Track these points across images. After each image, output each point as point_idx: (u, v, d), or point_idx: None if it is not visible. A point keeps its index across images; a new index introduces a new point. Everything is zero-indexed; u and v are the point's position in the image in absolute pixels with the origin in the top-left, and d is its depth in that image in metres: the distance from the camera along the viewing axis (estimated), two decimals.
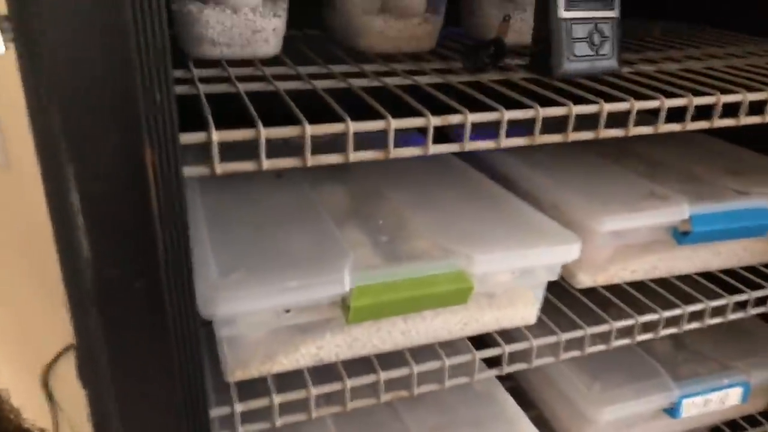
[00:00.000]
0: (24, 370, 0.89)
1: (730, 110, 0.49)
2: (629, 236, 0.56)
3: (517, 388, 0.71)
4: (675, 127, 0.48)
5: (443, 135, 0.43)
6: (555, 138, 0.45)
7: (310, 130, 0.38)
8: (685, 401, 0.64)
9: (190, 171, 0.36)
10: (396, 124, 0.40)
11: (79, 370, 0.38)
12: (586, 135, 0.46)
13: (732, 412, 0.72)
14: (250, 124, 0.37)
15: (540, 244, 0.49)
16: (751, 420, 0.74)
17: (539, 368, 0.68)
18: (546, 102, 0.44)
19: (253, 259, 0.45)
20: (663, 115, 0.47)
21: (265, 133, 0.37)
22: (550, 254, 0.49)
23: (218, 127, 0.36)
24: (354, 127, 0.39)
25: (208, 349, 0.49)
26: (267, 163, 0.38)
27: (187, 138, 0.35)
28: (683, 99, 0.48)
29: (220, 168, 0.37)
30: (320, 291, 0.43)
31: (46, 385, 0.89)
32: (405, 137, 0.43)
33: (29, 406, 0.90)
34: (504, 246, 0.48)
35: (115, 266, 0.32)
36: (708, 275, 0.63)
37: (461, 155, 0.68)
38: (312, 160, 0.39)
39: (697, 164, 0.67)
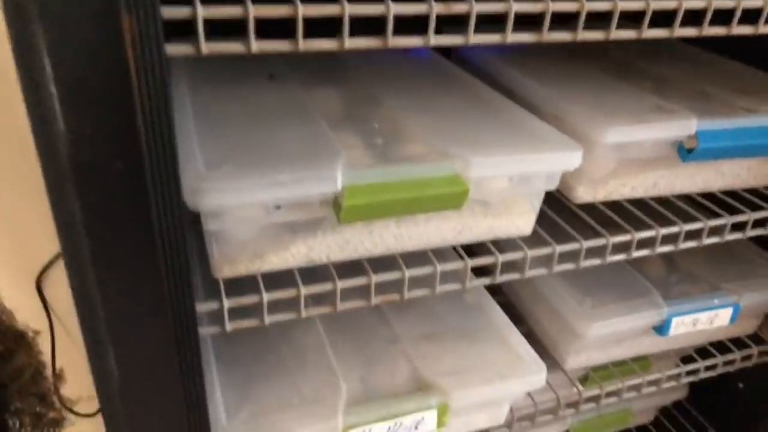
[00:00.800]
0: (18, 275, 0.89)
1: (722, 17, 0.46)
2: (632, 150, 0.55)
3: (507, 303, 0.72)
4: (662, 32, 0.45)
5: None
6: (563, 36, 0.42)
7: (303, 10, 0.35)
8: (674, 319, 0.64)
9: (174, 49, 0.34)
10: (396, 8, 0.37)
11: (65, 261, 0.37)
12: (595, 35, 0.43)
13: (720, 333, 0.73)
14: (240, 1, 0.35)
15: (540, 150, 0.47)
16: (739, 343, 0.75)
17: (531, 284, 0.68)
18: None
19: (243, 154, 0.44)
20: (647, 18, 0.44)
21: (255, 11, 0.35)
22: (550, 161, 0.48)
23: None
24: (350, 9, 0.36)
25: (199, 248, 0.48)
26: (256, 45, 0.36)
27: (171, 12, 0.32)
28: (673, 2, 0.44)
29: (207, 48, 0.35)
30: (311, 187, 0.42)
31: (39, 289, 0.89)
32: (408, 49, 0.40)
33: (23, 309, 0.90)
34: (502, 151, 0.47)
35: (92, 143, 0.31)
36: (708, 196, 0.62)
37: (462, 64, 0.65)
38: (304, 45, 0.36)
39: (705, 82, 0.64)
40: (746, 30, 0.48)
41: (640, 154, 0.56)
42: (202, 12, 0.34)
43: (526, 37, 0.42)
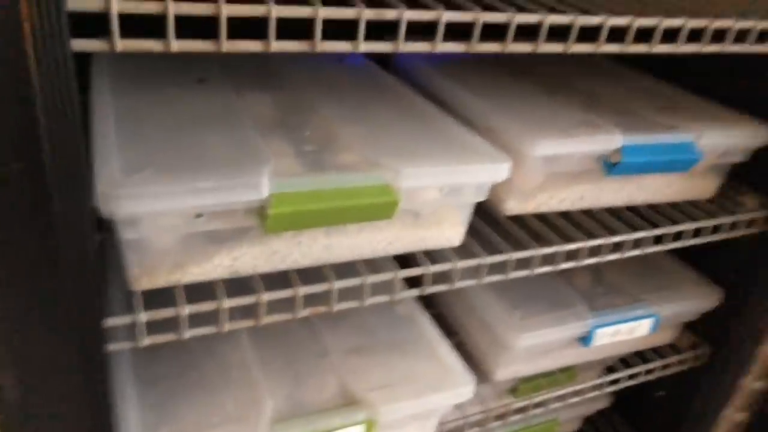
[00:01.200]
0: None
1: (644, 35, 0.48)
2: (560, 163, 0.56)
3: (438, 315, 0.71)
4: (587, 47, 0.46)
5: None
6: (493, 47, 0.43)
7: (227, 10, 0.34)
8: (597, 331, 0.66)
9: (83, 44, 0.31)
10: (324, 13, 0.36)
11: None
12: (523, 47, 0.44)
13: (641, 343, 0.75)
14: None
15: (470, 161, 0.47)
16: (659, 352, 0.77)
17: (462, 296, 0.68)
18: (486, 7, 0.42)
19: (164, 159, 0.41)
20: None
21: (174, 7, 0.33)
22: (479, 172, 0.48)
23: None
24: (277, 11, 0.35)
25: (116, 258, 0.45)
26: (176, 45, 0.34)
27: (78, 3, 0.30)
28: (598, 18, 0.46)
29: (121, 44, 0.33)
30: (235, 195, 0.40)
31: None
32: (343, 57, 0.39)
33: None
34: (433, 161, 0.46)
35: None
36: (632, 209, 0.64)
37: (398, 74, 0.65)
38: (228, 45, 0.35)
39: (630, 99, 0.66)
40: (666, 48, 0.49)
41: (568, 167, 0.57)
42: (117, 6, 0.31)
43: (456, 47, 0.42)
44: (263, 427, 0.48)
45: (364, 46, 0.38)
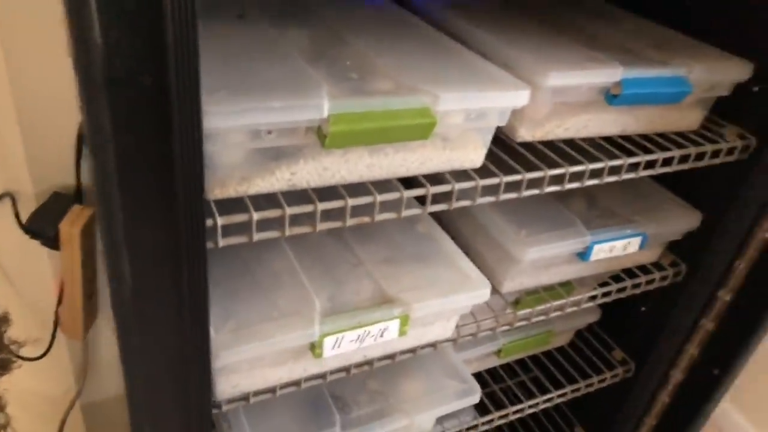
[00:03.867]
0: None
1: None
2: (567, 94, 0.63)
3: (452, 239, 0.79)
4: None
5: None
6: None
7: None
8: (595, 246, 0.74)
9: None
10: None
11: (94, 166, 0.39)
12: None
13: (629, 260, 0.84)
14: None
15: (494, 88, 0.54)
16: (644, 270, 0.87)
17: (472, 219, 0.76)
18: None
19: (232, 83, 0.47)
20: None
21: None
22: (503, 98, 0.55)
23: None
24: None
25: None
26: None
27: None
28: None
29: None
30: (301, 114, 0.47)
31: None
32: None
33: None
34: (464, 87, 0.53)
35: (124, 56, 0.34)
36: (627, 138, 0.72)
37: (413, 13, 0.71)
38: None
39: (628, 39, 0.73)
40: None
41: (574, 98, 0.64)
42: None
43: None
44: (316, 319, 0.56)
45: None
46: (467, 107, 0.54)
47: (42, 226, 0.83)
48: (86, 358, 1.02)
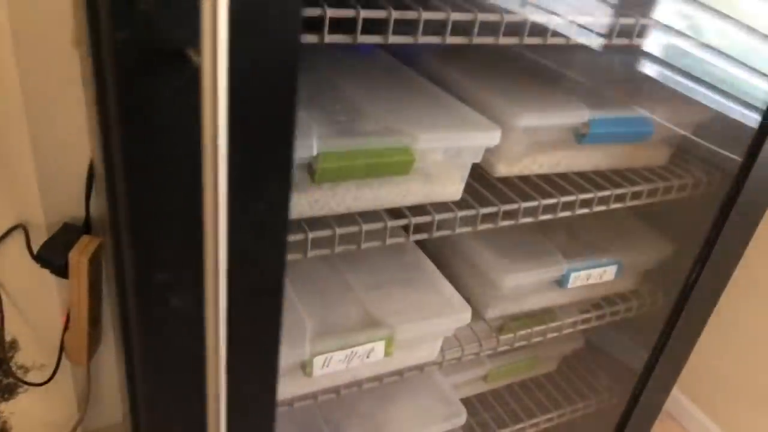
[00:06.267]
0: None
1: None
2: (540, 133, 0.69)
3: (437, 265, 0.84)
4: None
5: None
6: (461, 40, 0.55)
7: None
8: (572, 274, 0.79)
9: None
10: (364, 14, 0.48)
11: None
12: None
13: (608, 288, 0.89)
14: None
15: (468, 129, 0.60)
16: (623, 297, 0.91)
17: (456, 248, 0.81)
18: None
19: None
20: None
21: None
22: (476, 138, 0.60)
23: None
24: (330, 12, 0.47)
25: None
26: None
27: None
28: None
29: None
30: None
31: None
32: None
33: None
34: (440, 129, 0.59)
35: None
36: (599, 174, 0.78)
37: (400, 60, 0.77)
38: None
39: (597, 80, 0.79)
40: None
41: (546, 137, 0.70)
42: None
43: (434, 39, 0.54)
44: (306, 340, 0.61)
45: (392, 39, 0.51)
46: (443, 146, 0.59)
47: (52, 256, 0.87)
48: (89, 385, 1.06)
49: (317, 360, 0.61)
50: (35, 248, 0.88)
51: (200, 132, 0.33)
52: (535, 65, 0.82)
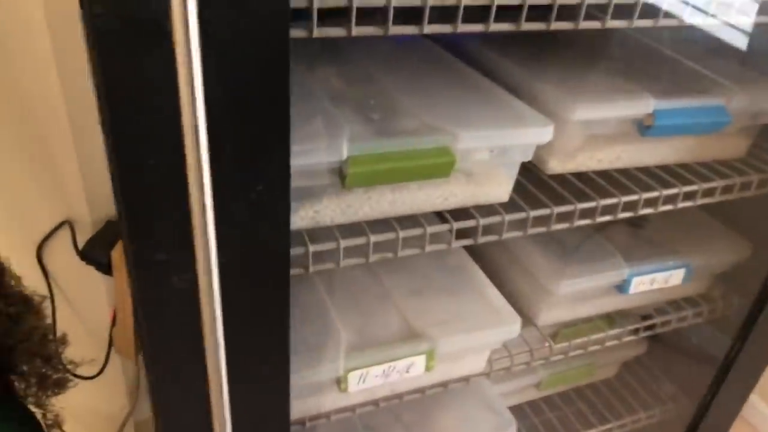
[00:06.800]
0: (19, 244, 0.93)
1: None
2: (598, 126, 0.62)
3: (485, 266, 0.79)
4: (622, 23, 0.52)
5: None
6: (538, 26, 0.49)
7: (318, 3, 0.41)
8: (634, 279, 0.72)
9: None
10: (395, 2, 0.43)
11: None
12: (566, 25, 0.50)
13: (675, 292, 0.81)
14: None
15: (517, 125, 0.54)
16: (692, 302, 0.83)
17: (507, 250, 0.75)
18: None
19: None
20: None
21: None
22: (525, 135, 0.54)
23: None
24: (357, 2, 0.42)
25: None
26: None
27: None
28: None
29: None
30: (319, 157, 0.48)
31: (40, 258, 0.94)
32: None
33: (27, 276, 0.95)
34: (484, 126, 0.53)
35: None
36: (666, 168, 0.70)
37: (445, 48, 0.71)
38: (318, 32, 0.42)
39: (662, 67, 0.71)
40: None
41: (605, 130, 0.63)
42: None
43: (505, 26, 0.48)
44: (341, 354, 0.57)
45: (428, 29, 0.45)
46: (487, 145, 0.54)
47: (96, 253, 0.87)
48: (138, 377, 1.07)
49: (352, 375, 0.57)
50: (81, 245, 0.88)
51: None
52: (592, 51, 0.75)
